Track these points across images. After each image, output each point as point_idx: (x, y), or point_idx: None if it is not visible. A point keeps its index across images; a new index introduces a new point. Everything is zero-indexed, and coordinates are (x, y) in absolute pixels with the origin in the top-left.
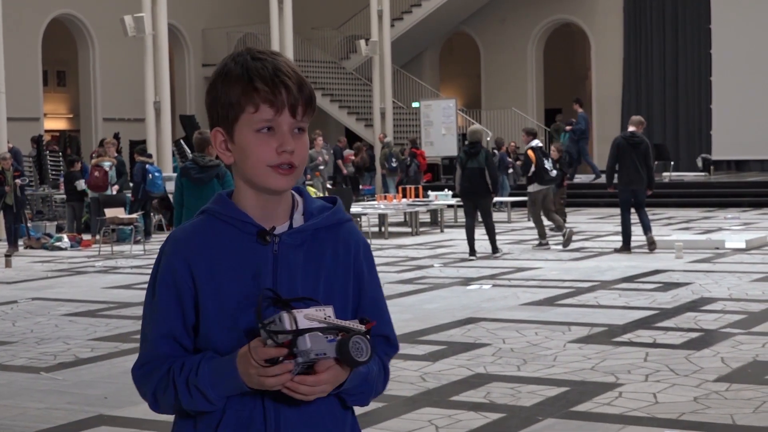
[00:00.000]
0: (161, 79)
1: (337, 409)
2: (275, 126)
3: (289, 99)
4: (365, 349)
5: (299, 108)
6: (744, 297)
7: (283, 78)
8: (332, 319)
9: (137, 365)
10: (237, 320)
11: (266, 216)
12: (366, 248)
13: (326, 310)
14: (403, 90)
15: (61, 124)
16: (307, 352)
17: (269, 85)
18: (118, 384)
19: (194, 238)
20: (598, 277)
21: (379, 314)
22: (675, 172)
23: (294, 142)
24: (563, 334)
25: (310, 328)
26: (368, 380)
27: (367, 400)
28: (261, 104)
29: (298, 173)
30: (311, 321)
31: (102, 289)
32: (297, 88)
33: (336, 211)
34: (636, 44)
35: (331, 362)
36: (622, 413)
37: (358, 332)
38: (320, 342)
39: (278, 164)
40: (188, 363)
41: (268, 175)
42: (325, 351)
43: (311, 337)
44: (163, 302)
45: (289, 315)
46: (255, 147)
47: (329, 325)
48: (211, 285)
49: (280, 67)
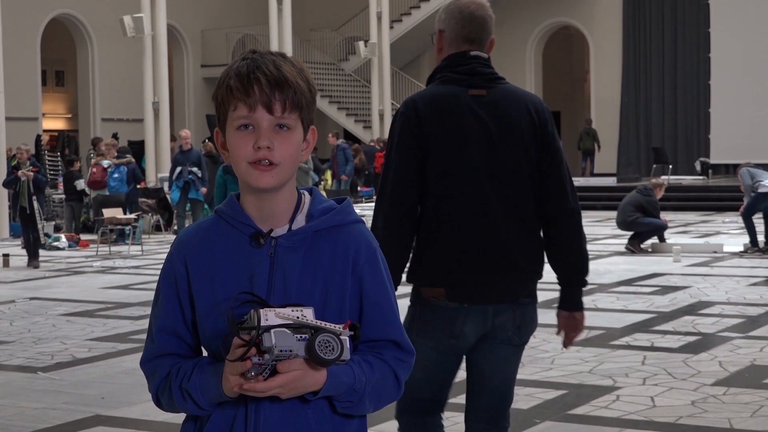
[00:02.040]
0: (160, 80)
1: (327, 415)
2: (254, 123)
3: (261, 96)
4: (336, 348)
5: (275, 104)
6: (742, 301)
7: (258, 75)
8: (308, 319)
9: (143, 360)
10: (225, 328)
11: (266, 217)
12: (370, 251)
13: (304, 311)
14: (402, 92)
15: (59, 124)
16: (272, 348)
17: (242, 83)
18: (115, 384)
19: (195, 238)
20: (596, 280)
21: (383, 318)
22: (673, 176)
23: (275, 138)
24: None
25: (275, 325)
26: (356, 390)
27: (361, 408)
28: (237, 102)
29: (282, 171)
30: (283, 319)
31: (100, 289)
32: (272, 84)
33: (339, 212)
34: (635, 47)
35: (299, 362)
36: (619, 417)
37: (330, 331)
38: (287, 339)
39: (255, 161)
40: (184, 368)
41: (249, 172)
42: (291, 348)
43: (277, 333)
44: (164, 298)
45: (257, 312)
46: (235, 144)
47: (296, 323)
48: (206, 284)
49: (260, 65)
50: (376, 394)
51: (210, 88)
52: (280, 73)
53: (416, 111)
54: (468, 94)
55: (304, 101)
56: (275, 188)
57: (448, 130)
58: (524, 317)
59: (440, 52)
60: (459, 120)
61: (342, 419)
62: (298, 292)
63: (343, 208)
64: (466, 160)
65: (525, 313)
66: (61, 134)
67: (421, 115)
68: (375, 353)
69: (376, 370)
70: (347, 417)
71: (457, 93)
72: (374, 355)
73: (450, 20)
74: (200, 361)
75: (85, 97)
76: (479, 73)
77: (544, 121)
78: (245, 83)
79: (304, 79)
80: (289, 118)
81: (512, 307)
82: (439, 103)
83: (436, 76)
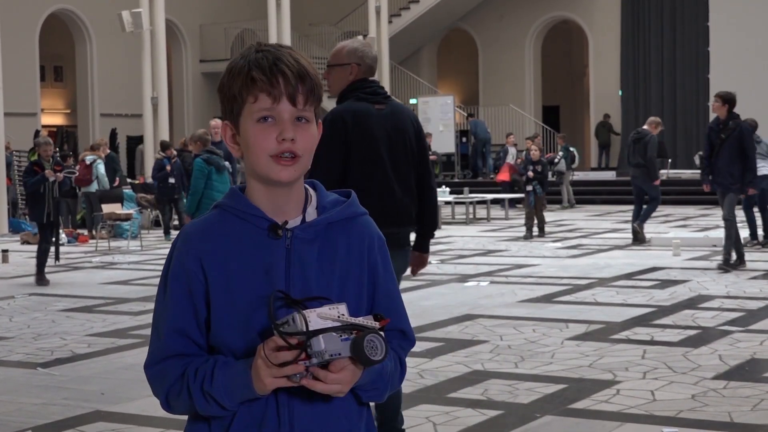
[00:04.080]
0: (159, 75)
1: (353, 405)
2: (275, 115)
3: (287, 88)
4: (380, 347)
5: (299, 97)
6: (742, 294)
7: (282, 67)
8: (346, 317)
9: (149, 362)
10: (249, 318)
11: (277, 210)
12: (380, 242)
13: (339, 308)
14: (401, 86)
15: (58, 120)
16: (322, 353)
17: (266, 75)
18: (115, 380)
19: (205, 233)
20: (596, 274)
21: (395, 308)
22: (672, 170)
23: (296, 131)
24: (561, 331)
25: (323, 329)
26: (383, 376)
27: (382, 395)
28: (259, 94)
29: (302, 164)
30: (324, 320)
31: (99, 284)
32: (296, 76)
33: (350, 204)
34: (634, 41)
35: (346, 362)
36: (619, 411)
37: (373, 330)
38: (334, 342)
39: (279, 153)
40: (202, 369)
41: (270, 165)
42: (339, 351)
43: (325, 337)
44: (175, 298)
45: (302, 315)
46: (256, 137)
47: (343, 324)
48: (222, 279)
49: (280, 57)
50: (392, 380)
51: (209, 82)
52: (300, 65)
53: (342, 118)
54: (374, 108)
55: (320, 94)
56: (294, 181)
57: (363, 132)
58: (405, 260)
59: (353, 75)
60: (370, 126)
61: (362, 408)
62: (317, 283)
63: (353, 200)
64: (376, 153)
65: (405, 256)
66: (60, 130)
67: (345, 121)
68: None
69: (392, 358)
70: (362, 406)
71: (368, 107)
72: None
73: (365, 58)
74: (218, 361)
75: (83, 92)
76: (379, 93)
77: (420, 129)
78: (269, 75)
79: (316, 73)
80: (309, 111)
81: (401, 252)
82: (356, 114)
83: (348, 95)
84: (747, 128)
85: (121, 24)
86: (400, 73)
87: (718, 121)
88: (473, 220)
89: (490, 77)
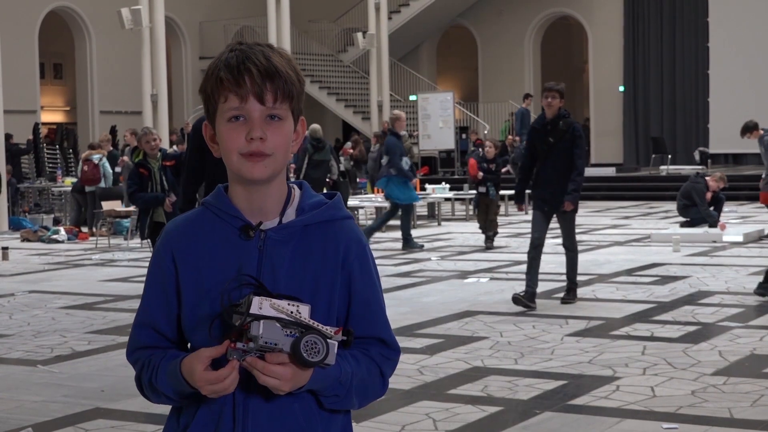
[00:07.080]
0: (158, 72)
1: (313, 409)
2: (245, 114)
3: (253, 87)
4: (321, 350)
5: (267, 95)
6: (741, 290)
7: (249, 66)
8: (302, 317)
9: (126, 352)
10: (215, 314)
11: (255, 209)
12: (360, 247)
13: (300, 307)
14: (401, 83)
15: (58, 117)
16: (257, 338)
17: (233, 74)
18: (115, 377)
19: (182, 231)
20: (596, 270)
21: (371, 316)
22: (672, 166)
23: (267, 129)
24: (560, 327)
25: (266, 316)
26: (342, 383)
27: (348, 403)
28: (228, 94)
29: (274, 162)
30: (278, 312)
31: (99, 282)
32: (263, 75)
33: (330, 207)
34: (634, 37)
35: (285, 357)
36: (619, 407)
37: (319, 332)
38: (275, 332)
39: (248, 152)
40: (154, 362)
41: (241, 164)
42: (277, 342)
43: (266, 324)
44: (148, 292)
45: (251, 298)
46: (227, 136)
47: (291, 320)
48: (193, 277)
49: (249, 55)
50: (363, 389)
51: None
52: (270, 63)
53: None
54: None
55: (294, 91)
56: (268, 179)
57: None
58: None
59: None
60: None
61: (329, 415)
62: (286, 285)
63: (334, 203)
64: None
65: None
66: (60, 127)
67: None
68: (361, 349)
69: (362, 365)
70: (334, 412)
71: None
72: (361, 350)
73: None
74: (166, 355)
75: (83, 89)
76: None
77: None
78: (236, 74)
79: (293, 70)
80: (281, 109)
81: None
82: None
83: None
84: (580, 129)
85: (120, 21)
86: (399, 69)
87: (545, 120)
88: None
89: (490, 73)
